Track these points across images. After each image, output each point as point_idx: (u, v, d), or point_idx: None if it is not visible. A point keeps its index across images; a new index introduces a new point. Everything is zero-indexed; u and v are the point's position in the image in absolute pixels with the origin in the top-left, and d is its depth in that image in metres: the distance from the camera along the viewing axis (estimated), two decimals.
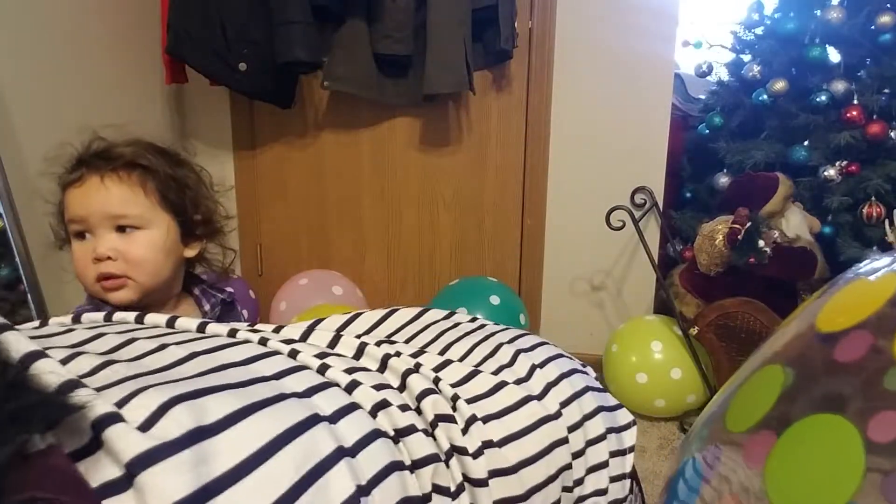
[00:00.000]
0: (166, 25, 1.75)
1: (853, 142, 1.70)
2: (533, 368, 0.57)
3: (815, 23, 1.78)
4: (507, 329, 0.64)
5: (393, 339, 0.59)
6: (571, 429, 0.54)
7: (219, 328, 0.49)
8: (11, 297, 1.32)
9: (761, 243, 1.58)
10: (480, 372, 0.54)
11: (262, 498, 0.31)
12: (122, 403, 0.32)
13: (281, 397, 0.36)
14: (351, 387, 0.43)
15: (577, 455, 0.54)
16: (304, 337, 0.52)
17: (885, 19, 1.69)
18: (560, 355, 0.63)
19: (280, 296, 1.96)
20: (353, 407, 0.41)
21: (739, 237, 1.59)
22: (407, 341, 0.59)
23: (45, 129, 1.41)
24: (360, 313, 0.62)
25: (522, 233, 2.10)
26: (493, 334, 0.61)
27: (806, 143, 1.79)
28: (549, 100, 1.99)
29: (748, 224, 1.59)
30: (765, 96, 1.87)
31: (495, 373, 0.54)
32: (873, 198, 1.71)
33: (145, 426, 0.31)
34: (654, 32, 1.92)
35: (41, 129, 1.42)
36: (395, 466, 0.39)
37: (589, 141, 2.00)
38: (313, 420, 0.36)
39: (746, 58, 2.01)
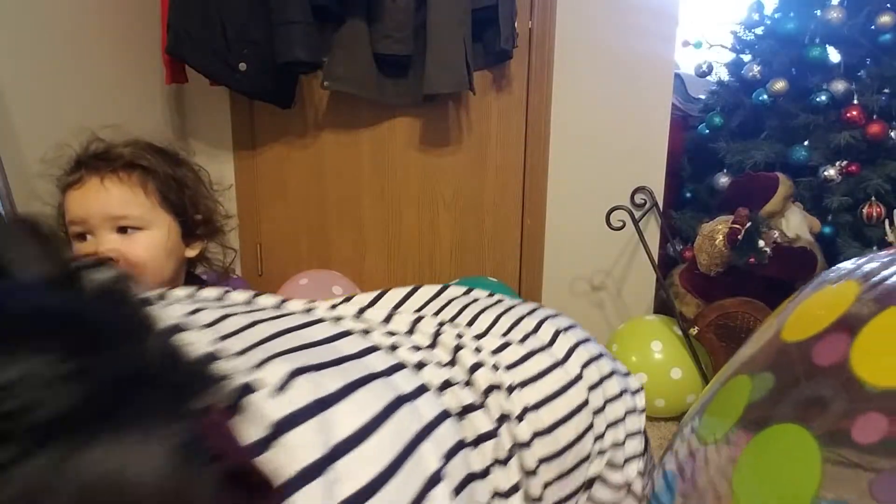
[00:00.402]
0: (166, 25, 1.75)
1: (853, 142, 1.70)
2: (556, 334, 0.60)
3: (815, 23, 1.78)
4: (523, 302, 0.68)
5: (421, 314, 0.62)
6: (591, 388, 0.58)
7: (295, 305, 0.52)
8: None
9: (761, 243, 1.58)
10: (510, 342, 0.57)
11: (375, 464, 0.33)
12: (256, 372, 0.34)
13: (372, 377, 0.39)
14: (419, 366, 0.46)
15: (597, 412, 0.57)
16: (359, 314, 0.56)
17: (885, 19, 1.69)
18: (576, 325, 0.67)
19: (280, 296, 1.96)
20: (424, 388, 0.43)
21: (739, 237, 1.59)
22: (434, 315, 0.61)
23: (46, 129, 1.41)
24: (387, 290, 0.65)
25: (522, 233, 2.10)
26: (512, 307, 0.64)
27: (806, 143, 1.79)
28: (549, 100, 1.99)
29: (748, 224, 1.59)
30: (765, 96, 1.87)
31: (522, 341, 0.58)
32: (873, 198, 1.71)
33: (277, 393, 0.33)
34: (654, 32, 1.92)
35: (41, 129, 1.42)
36: (461, 445, 0.42)
37: (589, 141, 2.00)
38: (400, 400, 0.38)
39: (746, 58, 2.01)
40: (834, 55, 1.81)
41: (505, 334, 0.58)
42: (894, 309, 0.41)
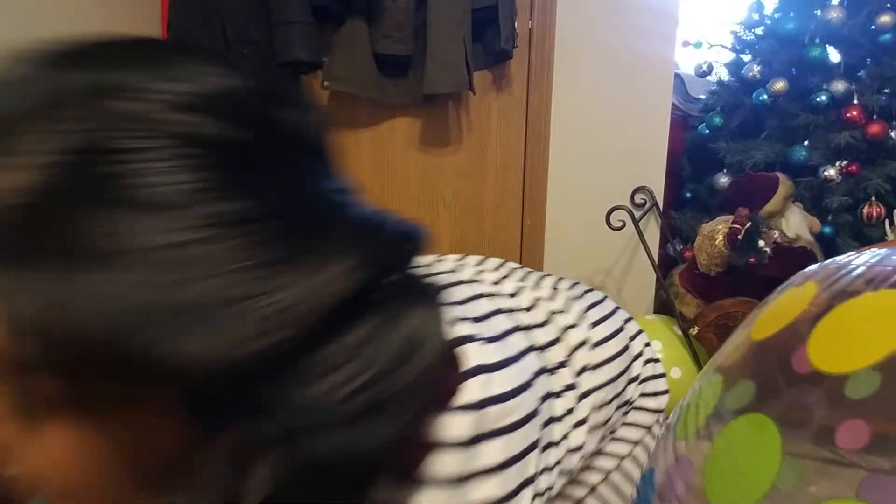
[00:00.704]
0: (166, 25, 1.75)
1: (853, 142, 1.70)
2: (605, 297, 0.73)
3: (815, 23, 1.78)
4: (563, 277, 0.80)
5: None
6: (632, 337, 0.70)
7: (444, 265, 0.65)
8: None
9: (761, 243, 1.58)
10: (577, 298, 0.69)
11: (509, 385, 0.45)
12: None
13: (498, 337, 0.49)
14: (528, 329, 0.57)
15: (637, 357, 0.70)
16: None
17: (885, 19, 1.69)
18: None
19: None
20: (532, 348, 0.53)
21: (739, 237, 1.59)
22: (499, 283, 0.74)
23: None
24: (464, 257, 0.76)
25: (522, 233, 2.10)
26: (561, 277, 0.74)
27: (806, 143, 1.79)
28: (549, 100, 1.99)
29: (748, 224, 1.59)
30: (765, 96, 1.87)
31: (582, 296, 0.69)
32: (873, 198, 1.71)
33: (454, 324, 0.46)
34: (654, 32, 1.92)
35: None
36: (549, 395, 0.52)
37: (589, 141, 2.00)
38: (515, 357, 0.49)
39: (746, 58, 2.01)
40: (834, 55, 1.81)
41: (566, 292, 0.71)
42: (845, 304, 0.45)
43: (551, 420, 0.52)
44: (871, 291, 0.43)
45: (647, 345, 0.75)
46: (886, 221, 1.69)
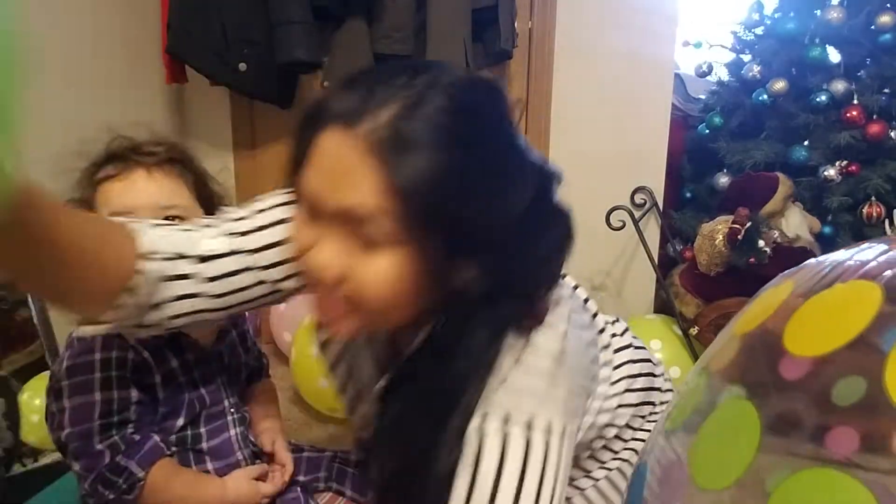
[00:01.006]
0: (166, 25, 1.75)
1: (853, 142, 1.70)
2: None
3: (815, 23, 1.78)
4: None
5: None
6: (651, 360, 0.86)
7: None
8: (10, 296, 1.32)
9: (761, 243, 1.58)
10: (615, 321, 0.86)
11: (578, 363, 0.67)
12: None
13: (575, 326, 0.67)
14: (601, 332, 0.78)
15: (657, 375, 0.85)
16: None
17: (885, 19, 1.69)
18: None
19: None
20: (592, 340, 0.73)
21: (739, 237, 1.59)
22: None
23: (46, 129, 1.41)
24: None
25: None
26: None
27: (806, 143, 1.79)
28: (549, 100, 1.99)
29: (748, 224, 1.59)
30: (765, 96, 1.87)
31: (615, 323, 0.85)
32: (873, 198, 1.71)
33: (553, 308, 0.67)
34: (654, 32, 1.92)
35: (41, 130, 1.42)
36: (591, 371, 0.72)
37: (589, 141, 2.00)
38: (579, 340, 0.68)
39: (746, 58, 2.01)
40: (834, 55, 1.81)
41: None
42: (817, 296, 0.49)
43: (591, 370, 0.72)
44: (840, 283, 0.47)
45: (662, 368, 0.91)
46: (886, 221, 1.69)
